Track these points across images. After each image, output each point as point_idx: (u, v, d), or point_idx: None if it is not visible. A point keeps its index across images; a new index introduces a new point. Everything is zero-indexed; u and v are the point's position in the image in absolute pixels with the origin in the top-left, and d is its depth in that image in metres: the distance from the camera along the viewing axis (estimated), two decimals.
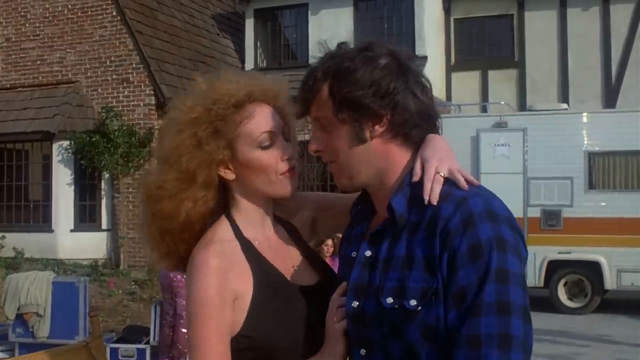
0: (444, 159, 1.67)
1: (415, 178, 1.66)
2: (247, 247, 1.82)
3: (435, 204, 1.61)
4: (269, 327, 1.73)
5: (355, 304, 1.67)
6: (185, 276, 1.83)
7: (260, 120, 1.83)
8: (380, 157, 1.72)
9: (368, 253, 1.70)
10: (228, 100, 1.82)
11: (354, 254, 1.76)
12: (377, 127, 1.69)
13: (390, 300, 1.60)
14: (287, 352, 1.74)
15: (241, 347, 1.73)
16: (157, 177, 1.85)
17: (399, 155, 1.72)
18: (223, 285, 1.72)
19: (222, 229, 1.83)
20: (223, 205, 1.88)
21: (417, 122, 1.70)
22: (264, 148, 1.82)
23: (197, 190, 1.82)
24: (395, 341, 1.60)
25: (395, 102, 1.67)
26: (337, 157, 1.75)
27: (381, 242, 1.68)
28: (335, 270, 1.95)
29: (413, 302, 1.56)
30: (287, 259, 1.88)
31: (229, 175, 1.84)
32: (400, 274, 1.61)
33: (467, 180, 1.66)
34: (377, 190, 1.76)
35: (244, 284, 1.75)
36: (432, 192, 1.63)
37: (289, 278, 1.84)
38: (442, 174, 1.65)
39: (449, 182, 1.66)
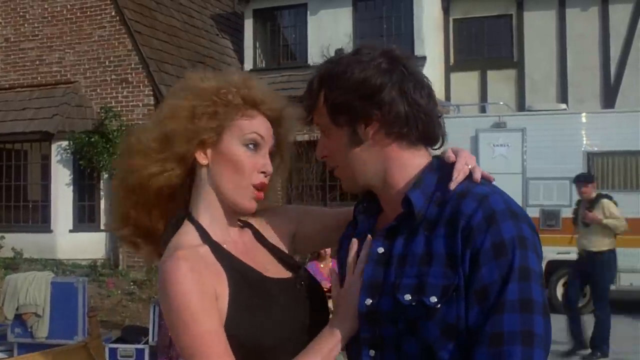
0: (471, 155, 1.75)
1: (452, 159, 1.71)
2: (217, 249, 1.76)
3: (453, 188, 1.65)
4: (252, 323, 1.69)
5: (369, 301, 1.66)
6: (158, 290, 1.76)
7: (258, 124, 1.82)
8: (378, 157, 1.72)
9: (381, 250, 1.69)
10: (241, 88, 1.82)
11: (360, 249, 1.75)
12: (368, 128, 1.70)
13: (408, 296, 1.59)
14: (273, 347, 1.70)
15: None
16: (142, 133, 1.83)
17: (400, 154, 1.72)
18: (201, 285, 1.65)
19: (188, 235, 1.77)
20: (185, 204, 1.85)
21: (410, 120, 1.69)
22: (247, 148, 1.80)
23: (169, 160, 1.79)
24: (412, 338, 1.59)
25: (381, 100, 1.67)
26: (339, 161, 1.77)
27: (395, 238, 1.68)
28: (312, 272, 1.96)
29: (433, 299, 1.56)
30: (257, 259, 1.84)
31: (202, 159, 1.80)
32: (419, 270, 1.60)
33: (484, 178, 1.71)
34: (383, 190, 1.76)
35: (220, 284, 1.69)
36: (456, 179, 1.66)
37: (264, 275, 1.81)
38: (470, 166, 1.70)
39: (465, 179, 1.69)
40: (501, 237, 1.54)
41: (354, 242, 1.75)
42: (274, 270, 1.84)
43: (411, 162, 1.73)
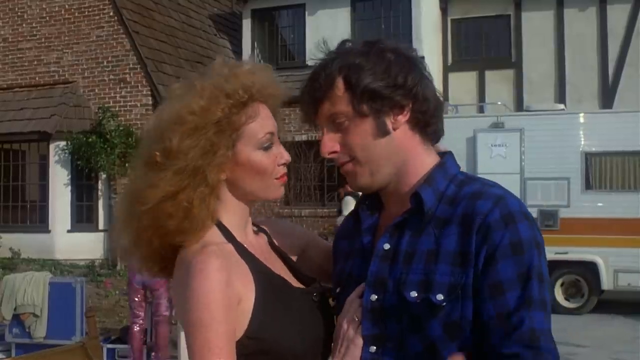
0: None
1: None
2: (242, 249, 1.72)
3: None
4: (277, 327, 1.66)
5: (374, 297, 1.65)
6: (175, 284, 1.69)
7: (264, 120, 1.77)
8: (402, 149, 1.70)
9: (387, 246, 1.67)
10: (242, 95, 1.73)
11: (369, 244, 1.72)
12: (399, 117, 1.68)
13: (414, 293, 1.59)
14: (297, 352, 1.68)
15: (248, 351, 1.63)
16: (170, 188, 1.68)
17: (418, 147, 1.72)
18: (228, 286, 1.60)
19: (211, 233, 1.72)
20: None
21: (435, 112, 1.72)
22: (265, 149, 1.75)
23: (214, 203, 1.73)
24: (415, 336, 1.59)
25: (416, 92, 1.67)
26: (355, 154, 1.70)
27: (401, 235, 1.66)
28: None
29: (440, 297, 1.56)
30: (274, 265, 1.80)
31: (222, 175, 1.74)
32: (425, 267, 1.60)
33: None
34: (394, 187, 1.73)
35: (245, 286, 1.65)
36: None
37: (287, 280, 1.78)
38: None
39: (477, 180, 1.71)
40: (519, 236, 1.56)
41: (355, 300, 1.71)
42: (289, 279, 1.81)
43: (425, 158, 1.72)
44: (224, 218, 1.76)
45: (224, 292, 1.59)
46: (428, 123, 1.71)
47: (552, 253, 11.63)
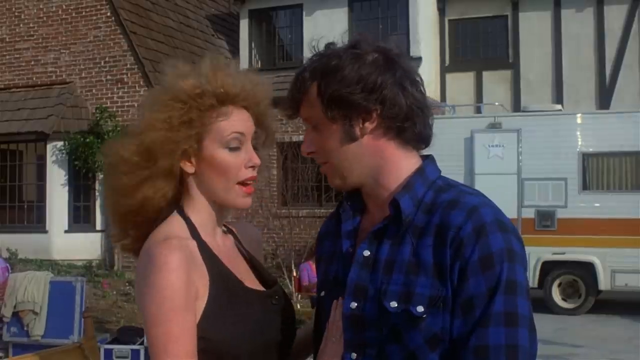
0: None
1: None
2: (204, 248, 1.74)
3: None
4: (225, 330, 1.67)
5: (354, 305, 1.64)
6: (137, 274, 1.72)
7: (235, 121, 1.79)
8: (373, 154, 1.68)
9: (366, 253, 1.66)
10: (215, 87, 1.78)
11: (350, 249, 1.72)
12: (367, 123, 1.66)
13: (394, 304, 1.58)
14: (242, 355, 1.69)
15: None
16: (123, 148, 1.79)
17: (394, 152, 1.69)
18: (187, 280, 1.63)
19: (178, 226, 1.75)
20: (177, 200, 1.83)
21: (409, 116, 1.67)
22: (231, 149, 1.77)
23: (158, 179, 1.76)
24: (395, 345, 1.58)
25: (384, 96, 1.64)
26: (329, 157, 1.72)
27: (381, 242, 1.65)
28: None
29: (420, 309, 1.55)
30: (237, 267, 1.82)
31: (189, 168, 1.78)
32: (406, 278, 1.59)
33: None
34: (372, 190, 1.72)
35: (202, 284, 1.68)
36: None
37: (243, 283, 1.79)
38: None
39: (454, 187, 1.68)
40: (489, 249, 1.54)
41: (336, 305, 1.71)
42: (251, 281, 1.82)
43: (404, 162, 1.70)
44: (192, 215, 1.79)
45: (184, 285, 1.62)
46: (402, 128, 1.67)
47: (549, 253, 11.68)
